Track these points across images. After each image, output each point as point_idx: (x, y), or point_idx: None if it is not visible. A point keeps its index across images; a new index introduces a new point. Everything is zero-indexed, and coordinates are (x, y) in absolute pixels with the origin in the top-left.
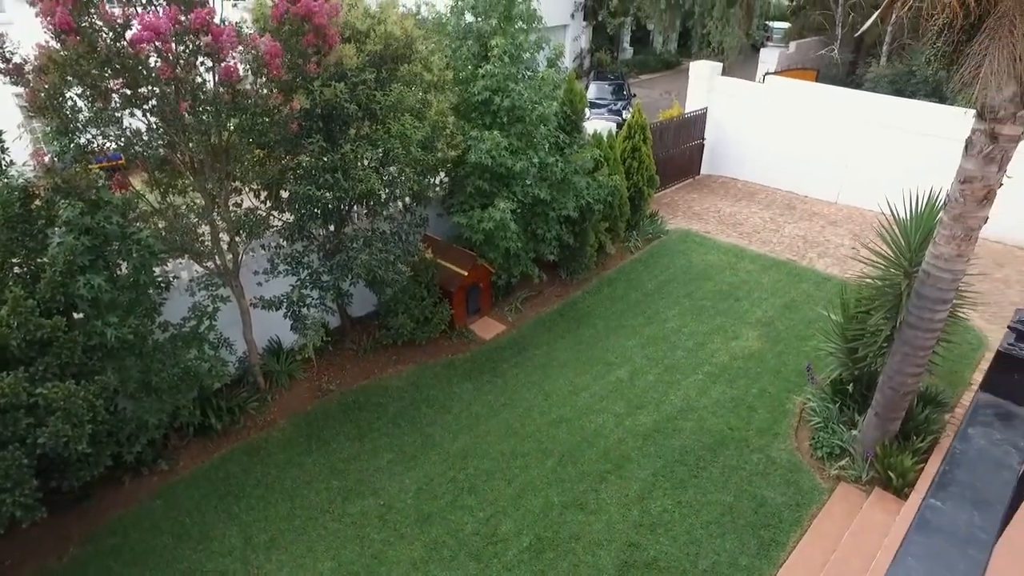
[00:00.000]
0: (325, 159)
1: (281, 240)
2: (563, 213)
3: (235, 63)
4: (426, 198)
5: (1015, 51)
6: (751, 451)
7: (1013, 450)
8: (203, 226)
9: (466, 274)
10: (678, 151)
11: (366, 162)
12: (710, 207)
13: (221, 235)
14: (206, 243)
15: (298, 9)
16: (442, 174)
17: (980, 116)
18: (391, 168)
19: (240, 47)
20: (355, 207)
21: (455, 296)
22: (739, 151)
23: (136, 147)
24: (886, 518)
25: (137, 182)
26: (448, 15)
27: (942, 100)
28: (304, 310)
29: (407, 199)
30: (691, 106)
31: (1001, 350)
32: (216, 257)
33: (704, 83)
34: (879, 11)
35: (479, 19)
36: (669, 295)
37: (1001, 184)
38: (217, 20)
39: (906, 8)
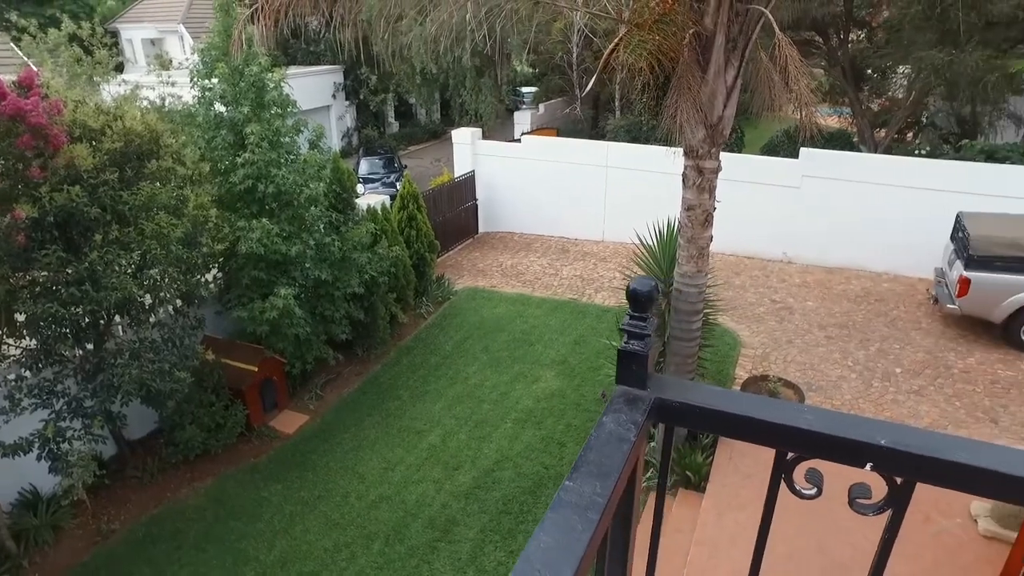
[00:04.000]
0: (68, 271)
1: (23, 370)
2: (349, 291)
3: None
4: (199, 297)
5: (697, 101)
6: None
7: (632, 425)
8: None
9: (256, 369)
10: (454, 214)
11: (119, 268)
12: (492, 262)
13: None
14: None
15: (5, 109)
16: (214, 269)
17: (686, 155)
18: (151, 271)
19: None
20: (115, 318)
21: (248, 394)
22: (511, 206)
23: None
24: (692, 513)
25: None
26: (196, 106)
27: (669, 143)
28: (65, 445)
29: (177, 301)
30: (459, 170)
31: (620, 349)
32: None
33: (468, 148)
34: (595, 75)
35: (230, 108)
36: (467, 352)
37: (715, 208)
38: None
39: (616, 71)
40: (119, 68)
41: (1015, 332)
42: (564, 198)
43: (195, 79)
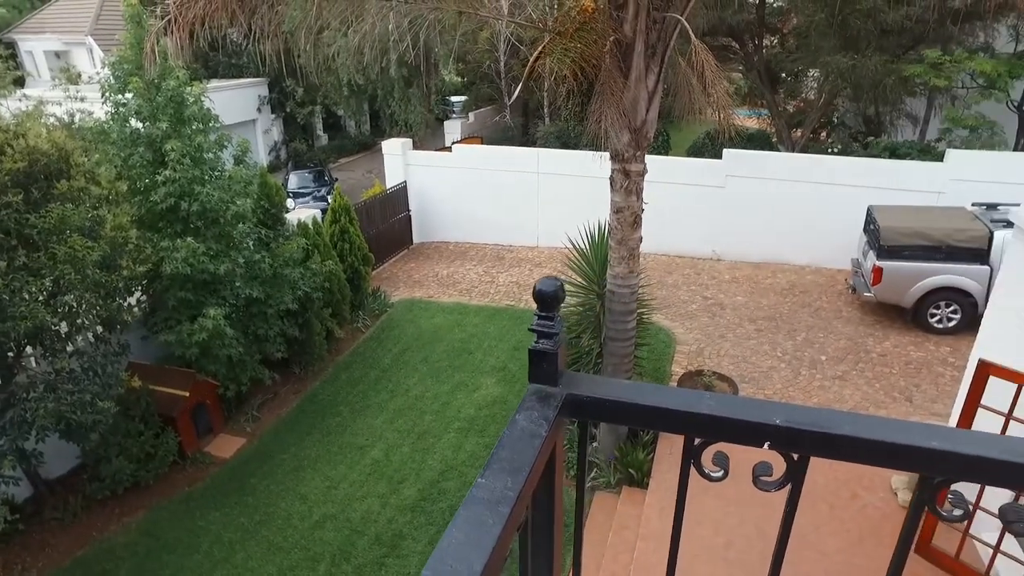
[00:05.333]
0: None
1: None
2: (282, 308)
3: None
4: (122, 322)
5: (620, 107)
6: None
7: (544, 421)
8: None
9: (187, 394)
10: (387, 226)
11: (29, 296)
12: (428, 272)
13: None
14: None
15: None
16: (137, 293)
17: (613, 159)
18: (66, 297)
19: None
20: (27, 349)
21: (180, 421)
22: (445, 216)
23: None
24: (636, 510)
25: None
26: (110, 122)
27: (596, 148)
28: None
29: (97, 328)
30: (391, 182)
31: (530, 348)
32: None
33: (398, 159)
34: (521, 83)
35: (147, 124)
36: (406, 364)
37: (643, 210)
38: None
39: (543, 78)
40: (19, 82)
41: (923, 315)
42: (498, 205)
43: (107, 94)
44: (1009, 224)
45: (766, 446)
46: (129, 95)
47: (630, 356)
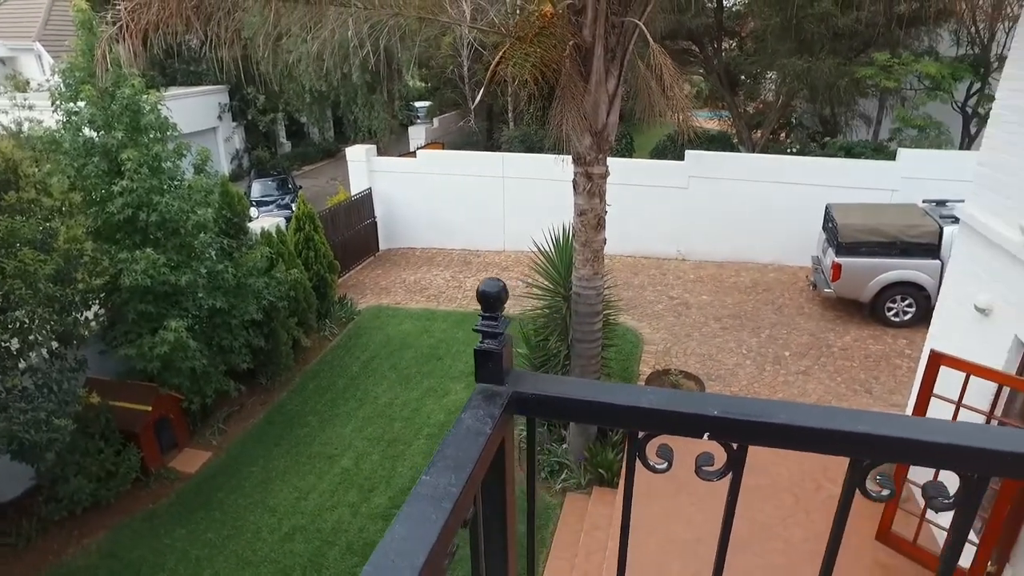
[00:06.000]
0: None
1: None
2: (247, 318)
3: None
4: (79, 337)
5: (581, 110)
6: None
7: (488, 419)
8: None
9: (150, 409)
10: (353, 233)
11: None
12: (395, 279)
13: None
14: None
15: None
16: (95, 306)
17: (575, 162)
18: (17, 313)
19: None
20: None
21: (142, 436)
22: (410, 222)
23: None
24: (607, 510)
25: None
26: (62, 131)
27: (559, 151)
28: None
29: (52, 343)
30: (356, 188)
31: (476, 349)
32: None
33: (363, 165)
34: (483, 88)
35: (101, 133)
36: (375, 372)
37: (606, 212)
38: None
39: (507, 83)
40: None
41: (880, 309)
42: (464, 210)
43: (58, 102)
44: (956, 220)
45: (705, 436)
46: (82, 103)
47: (597, 357)
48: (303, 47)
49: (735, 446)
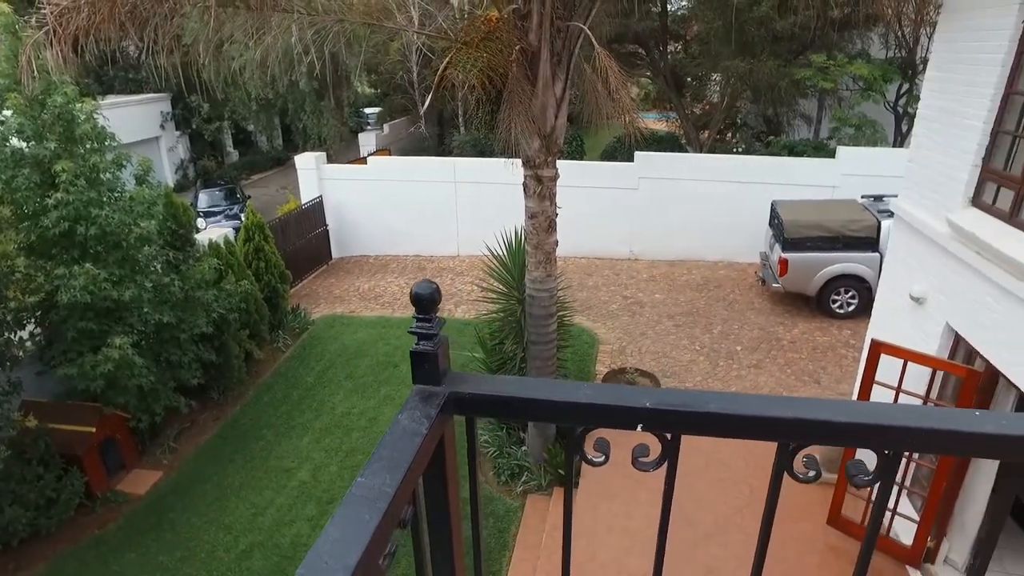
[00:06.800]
0: None
1: None
2: (196, 332)
3: None
4: (12, 358)
5: (529, 114)
6: None
7: (425, 419)
8: None
9: (94, 430)
10: (304, 242)
11: None
12: (349, 287)
13: None
14: None
15: None
16: (30, 325)
17: (525, 165)
18: None
19: None
20: None
21: (86, 459)
22: (363, 229)
23: None
24: None
25: None
26: None
27: (509, 155)
28: None
29: None
30: (306, 197)
31: (411, 351)
32: None
33: (312, 173)
34: (431, 93)
35: (32, 144)
36: (331, 382)
37: (557, 214)
38: None
39: (457, 88)
40: None
41: (826, 302)
42: (416, 216)
43: None
44: (892, 214)
45: (639, 428)
46: (8, 112)
47: (553, 358)
48: (247, 54)
49: (668, 436)
